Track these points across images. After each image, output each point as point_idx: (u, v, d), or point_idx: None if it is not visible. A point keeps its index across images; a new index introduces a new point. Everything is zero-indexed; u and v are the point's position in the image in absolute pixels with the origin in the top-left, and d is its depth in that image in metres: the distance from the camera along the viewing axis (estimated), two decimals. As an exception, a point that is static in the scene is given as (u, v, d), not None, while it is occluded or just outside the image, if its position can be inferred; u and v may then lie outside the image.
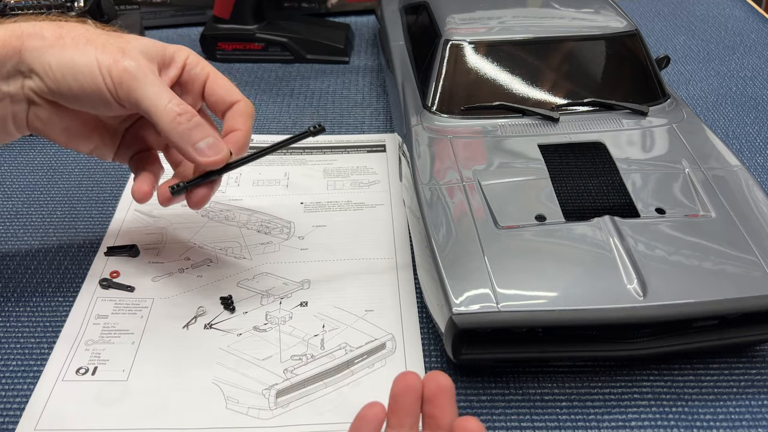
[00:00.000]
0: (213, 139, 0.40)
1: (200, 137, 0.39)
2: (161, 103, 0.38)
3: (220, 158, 0.40)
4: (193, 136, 0.39)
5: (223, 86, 0.42)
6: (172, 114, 0.38)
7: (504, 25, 0.54)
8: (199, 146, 0.39)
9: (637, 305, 0.37)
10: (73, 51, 0.37)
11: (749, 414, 0.39)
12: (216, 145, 0.40)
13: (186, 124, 0.39)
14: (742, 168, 0.46)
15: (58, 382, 0.41)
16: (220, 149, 0.40)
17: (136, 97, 0.38)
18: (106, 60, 0.37)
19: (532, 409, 0.39)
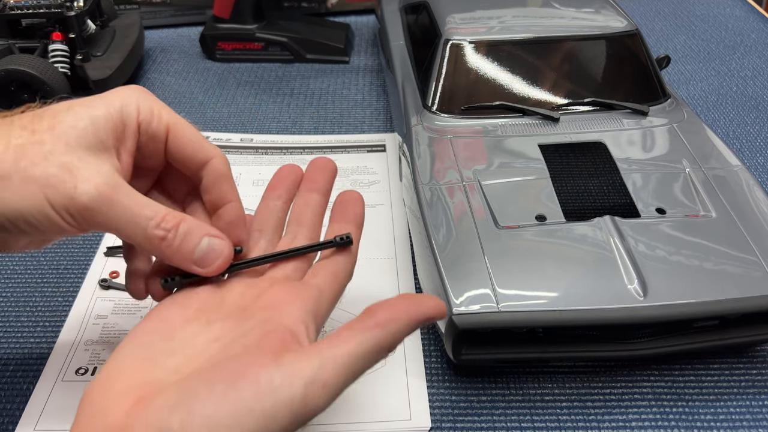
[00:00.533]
0: (209, 241, 0.32)
1: (194, 245, 0.32)
2: (138, 230, 0.30)
3: (225, 259, 0.33)
4: (185, 249, 0.32)
5: (189, 140, 0.33)
6: (155, 238, 0.31)
7: (504, 24, 0.54)
8: (197, 257, 0.32)
9: (637, 305, 0.36)
10: (13, 195, 0.29)
11: (750, 414, 0.39)
12: (216, 247, 0.32)
13: (175, 241, 0.31)
14: (743, 168, 0.46)
15: (57, 382, 0.41)
16: (222, 249, 0.33)
17: (107, 228, 0.31)
18: (58, 198, 0.29)
19: (533, 409, 0.39)
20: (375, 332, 0.28)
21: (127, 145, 0.32)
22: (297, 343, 0.29)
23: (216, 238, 0.32)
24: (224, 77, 0.74)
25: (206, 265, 0.32)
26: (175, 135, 0.33)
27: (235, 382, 0.26)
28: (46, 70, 0.61)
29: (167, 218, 0.31)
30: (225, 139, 0.63)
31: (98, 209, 0.29)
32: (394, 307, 0.29)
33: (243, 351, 0.28)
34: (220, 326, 0.31)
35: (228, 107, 0.69)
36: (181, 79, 0.74)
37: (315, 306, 0.32)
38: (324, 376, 0.27)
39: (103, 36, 0.69)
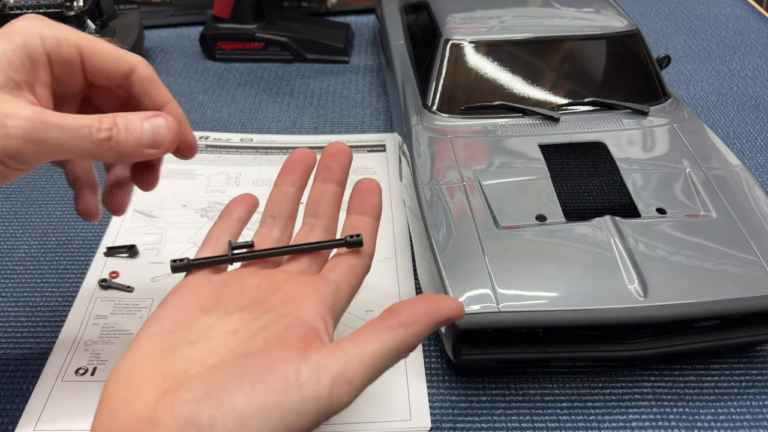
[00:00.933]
0: (150, 121, 0.32)
1: (139, 130, 0.31)
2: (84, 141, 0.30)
3: (173, 131, 0.32)
4: (133, 137, 0.31)
5: (105, 55, 0.32)
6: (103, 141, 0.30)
7: (504, 24, 0.54)
8: (147, 140, 0.31)
9: (637, 305, 0.36)
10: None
11: (750, 414, 0.39)
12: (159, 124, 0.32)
13: (120, 135, 0.30)
14: (743, 168, 0.46)
15: (57, 382, 0.41)
16: (165, 123, 0.32)
17: (53, 154, 0.30)
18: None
19: (533, 409, 0.39)
20: (398, 332, 0.29)
21: (41, 78, 0.31)
22: (318, 339, 0.29)
23: (155, 117, 0.32)
24: (224, 77, 0.74)
25: (159, 144, 0.32)
26: (89, 55, 0.32)
27: (264, 376, 0.26)
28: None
29: (104, 119, 0.30)
30: (225, 139, 0.63)
31: (36, 139, 0.28)
32: (415, 308, 0.30)
33: (265, 345, 0.28)
34: (238, 318, 0.31)
35: (228, 107, 0.68)
36: (181, 78, 0.74)
37: (332, 301, 0.32)
38: (350, 374, 0.27)
39: (102, 36, 0.69)
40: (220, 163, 0.59)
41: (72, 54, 0.31)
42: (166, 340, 0.29)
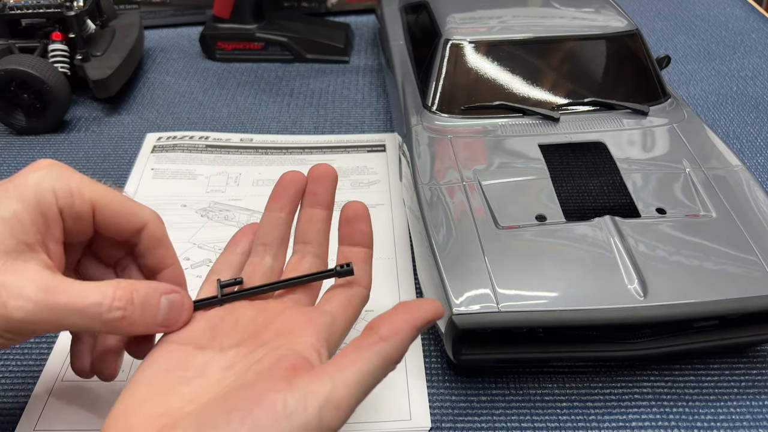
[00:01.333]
0: (167, 299, 0.31)
1: (155, 310, 0.30)
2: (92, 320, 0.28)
3: (188, 310, 0.32)
4: (148, 317, 0.30)
5: (118, 211, 0.31)
6: (115, 321, 0.29)
7: (504, 24, 0.54)
8: (162, 320, 0.31)
9: (637, 305, 0.36)
10: None
11: (750, 414, 0.39)
12: (175, 302, 0.31)
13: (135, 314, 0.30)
14: (743, 168, 0.46)
15: (57, 382, 0.41)
16: (182, 302, 0.32)
17: (58, 329, 0.29)
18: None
19: (533, 409, 0.39)
20: (381, 347, 0.29)
21: (53, 235, 0.30)
22: (308, 365, 0.29)
23: (172, 294, 0.31)
24: (224, 77, 0.74)
25: (172, 323, 0.31)
26: (101, 210, 0.31)
27: (252, 409, 0.26)
28: (45, 70, 0.61)
29: (118, 296, 0.29)
30: (225, 139, 0.63)
31: (39, 319, 0.27)
32: (394, 319, 0.30)
33: (256, 377, 0.28)
34: (233, 353, 0.31)
35: (228, 107, 0.68)
36: (180, 79, 0.74)
37: (328, 332, 0.31)
38: (337, 398, 0.27)
39: (102, 36, 0.69)
40: (220, 163, 0.59)
41: (85, 209, 0.30)
42: (161, 379, 0.29)
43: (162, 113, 0.68)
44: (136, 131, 0.65)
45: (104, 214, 0.31)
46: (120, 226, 0.32)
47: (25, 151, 0.62)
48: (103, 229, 0.32)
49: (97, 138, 0.64)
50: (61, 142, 0.63)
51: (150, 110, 0.68)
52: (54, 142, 0.63)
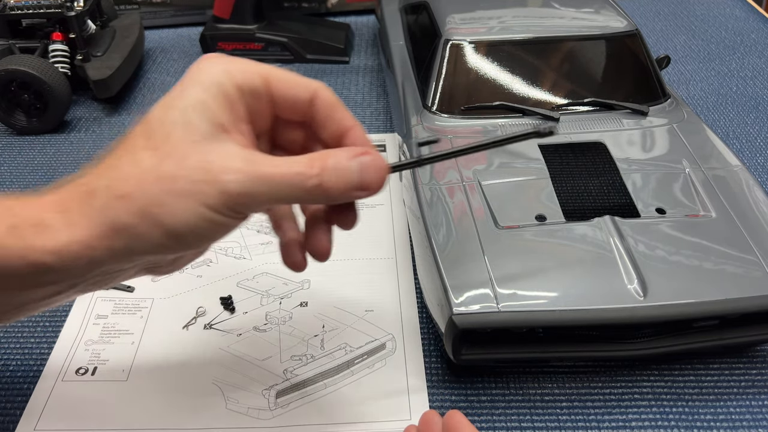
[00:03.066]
0: (358, 161, 0.30)
1: (348, 172, 0.30)
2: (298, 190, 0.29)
3: (383, 169, 0.31)
4: (343, 181, 0.30)
5: (288, 81, 0.32)
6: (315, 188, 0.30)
7: (504, 24, 0.54)
8: (356, 182, 0.30)
9: (637, 305, 0.36)
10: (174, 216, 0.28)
11: (750, 414, 0.39)
12: (367, 163, 0.31)
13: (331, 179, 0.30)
14: (743, 168, 0.46)
15: (57, 382, 0.41)
16: (374, 161, 0.31)
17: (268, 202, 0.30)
18: (212, 200, 0.28)
19: (533, 409, 0.39)
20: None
21: (240, 114, 0.30)
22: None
23: (362, 155, 0.31)
24: (224, 77, 0.74)
25: (368, 185, 0.31)
26: (274, 82, 0.31)
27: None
28: (46, 70, 0.61)
29: (313, 162, 0.30)
30: (225, 139, 0.62)
31: (252, 191, 0.29)
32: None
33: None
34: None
35: (228, 107, 0.68)
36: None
37: None
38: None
39: (103, 36, 0.69)
40: (221, 164, 0.59)
41: (259, 84, 0.31)
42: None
43: (162, 113, 0.67)
44: (137, 131, 0.65)
45: (277, 87, 0.31)
46: (294, 97, 0.32)
47: (25, 151, 0.62)
48: (279, 104, 0.32)
49: (97, 138, 0.64)
50: (61, 142, 0.63)
51: (150, 110, 0.68)
52: (54, 142, 0.63)
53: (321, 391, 0.40)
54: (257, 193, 0.29)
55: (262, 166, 0.29)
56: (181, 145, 0.29)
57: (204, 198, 0.28)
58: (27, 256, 0.28)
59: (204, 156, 0.28)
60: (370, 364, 0.42)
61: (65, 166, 0.60)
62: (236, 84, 0.30)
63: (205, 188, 0.28)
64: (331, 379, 0.41)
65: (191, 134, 0.29)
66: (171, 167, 0.28)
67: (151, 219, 0.28)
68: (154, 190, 0.28)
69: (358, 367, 0.42)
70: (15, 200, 0.29)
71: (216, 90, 0.29)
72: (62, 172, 0.59)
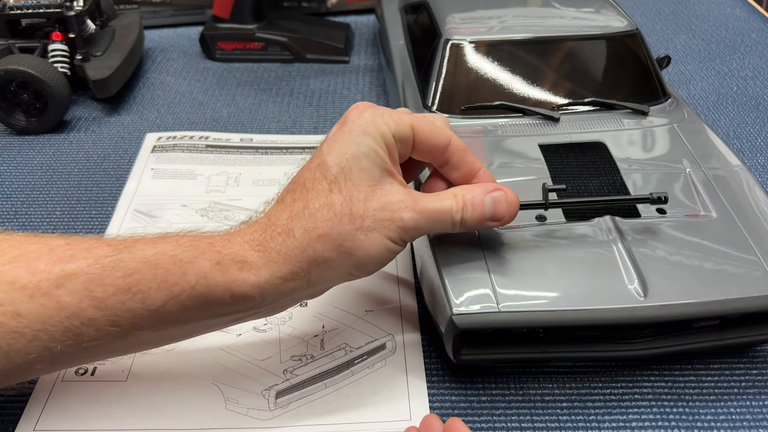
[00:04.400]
0: (490, 197, 0.37)
1: (482, 207, 0.37)
2: (447, 224, 0.37)
3: (512, 204, 0.37)
4: (478, 215, 0.37)
5: (430, 131, 0.37)
6: (458, 222, 0.37)
7: (504, 24, 0.54)
8: (488, 215, 0.37)
9: (637, 305, 0.36)
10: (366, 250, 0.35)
11: (750, 414, 0.39)
12: (498, 198, 0.37)
13: (469, 213, 0.37)
14: (743, 168, 0.46)
15: (57, 382, 0.41)
16: (504, 197, 0.37)
17: (424, 233, 0.38)
18: (395, 234, 0.35)
19: (533, 409, 0.39)
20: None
21: (394, 158, 0.37)
22: None
23: (495, 191, 0.37)
24: (224, 77, 0.74)
25: (499, 217, 0.37)
26: (418, 132, 0.37)
27: None
28: (45, 70, 0.61)
29: (458, 200, 0.36)
30: (225, 139, 0.63)
31: (421, 225, 0.36)
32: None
33: None
34: None
35: (228, 107, 0.68)
36: (180, 79, 0.74)
37: None
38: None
39: (102, 36, 0.69)
40: (220, 163, 0.59)
41: (408, 132, 0.37)
42: None
43: (162, 113, 0.68)
44: (136, 131, 0.65)
45: (420, 135, 0.37)
46: (434, 143, 0.37)
47: (24, 151, 0.62)
48: (419, 149, 0.38)
49: (97, 138, 0.64)
50: (61, 142, 0.63)
51: (150, 110, 0.68)
52: (54, 142, 0.63)
53: (321, 391, 0.40)
54: (422, 226, 0.36)
55: (424, 203, 0.36)
56: (362, 189, 0.35)
57: (387, 232, 0.35)
58: (232, 288, 0.33)
59: (381, 197, 0.35)
60: (370, 364, 0.42)
61: (65, 166, 0.60)
62: (393, 133, 0.36)
63: (388, 224, 0.35)
64: (331, 379, 0.41)
65: (368, 180, 0.35)
66: (359, 208, 0.35)
67: (346, 253, 0.34)
68: (347, 228, 0.34)
69: (358, 367, 0.41)
70: (214, 238, 0.35)
71: (381, 140, 0.36)
72: (62, 172, 0.59)
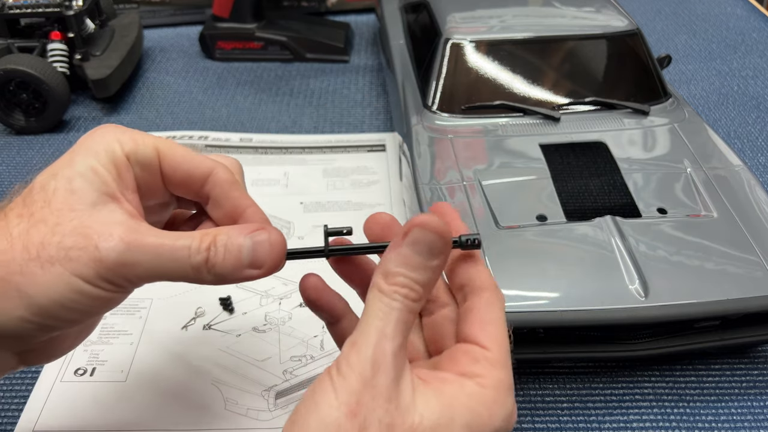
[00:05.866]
0: (251, 237, 0.28)
1: (238, 249, 0.28)
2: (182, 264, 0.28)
3: (278, 247, 0.29)
4: (231, 257, 0.28)
5: (183, 157, 0.30)
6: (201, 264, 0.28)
7: (505, 24, 0.54)
8: (247, 259, 0.28)
9: (638, 306, 0.36)
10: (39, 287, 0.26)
11: (751, 415, 0.39)
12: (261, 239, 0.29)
13: (218, 256, 0.28)
14: (744, 168, 0.45)
15: (56, 383, 0.40)
16: (268, 238, 0.29)
17: (149, 277, 0.28)
18: (85, 268, 0.26)
19: (533, 410, 0.39)
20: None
21: (127, 183, 0.29)
22: None
23: (258, 231, 0.29)
24: (224, 77, 0.74)
25: (260, 263, 0.28)
26: (166, 155, 0.30)
27: None
28: (45, 70, 0.61)
29: (203, 239, 0.28)
30: (224, 138, 0.62)
31: (131, 260, 0.26)
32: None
33: None
34: None
35: (227, 107, 0.68)
36: (180, 78, 0.74)
37: None
38: None
39: (102, 35, 0.69)
40: (220, 163, 0.59)
41: (150, 154, 0.29)
42: None
43: (161, 113, 0.67)
44: (136, 131, 0.64)
45: (169, 160, 0.30)
46: (186, 171, 0.30)
47: (24, 151, 0.62)
48: (171, 180, 0.30)
49: (96, 138, 0.64)
50: (60, 141, 0.63)
51: (149, 110, 0.68)
52: (53, 142, 0.63)
53: (321, 391, 0.40)
54: (136, 263, 0.27)
55: (145, 236, 0.27)
56: (61, 212, 0.27)
57: (75, 266, 0.26)
58: None
59: (82, 221, 0.26)
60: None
61: (64, 165, 0.60)
62: (125, 153, 0.29)
63: (77, 255, 0.26)
64: (330, 379, 0.41)
65: (75, 202, 0.27)
66: (41, 233, 0.26)
67: (13, 289, 0.26)
68: (17, 257, 0.26)
69: (357, 367, 0.41)
70: None
71: (108, 159, 0.28)
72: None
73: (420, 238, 0.26)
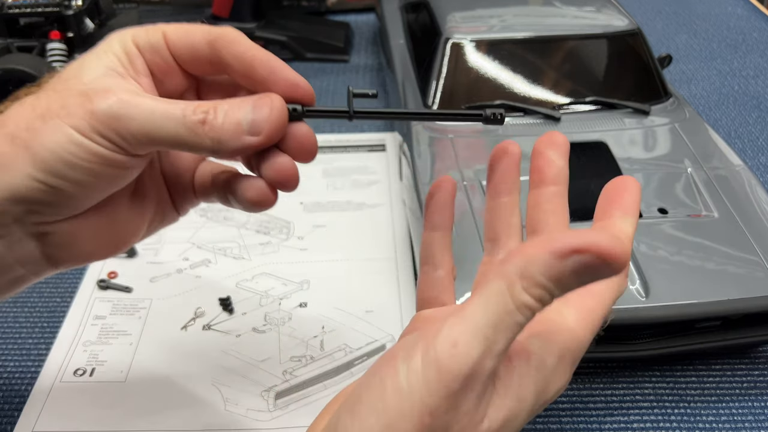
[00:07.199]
0: (252, 102, 0.28)
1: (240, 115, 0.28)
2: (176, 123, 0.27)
3: (278, 110, 0.29)
4: (231, 122, 0.28)
5: (188, 33, 0.30)
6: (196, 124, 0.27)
7: (505, 23, 0.54)
8: (247, 124, 0.28)
9: (639, 306, 0.36)
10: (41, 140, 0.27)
11: (752, 416, 0.39)
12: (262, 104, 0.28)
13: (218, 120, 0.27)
14: (745, 168, 0.45)
15: (56, 383, 0.40)
16: (268, 101, 0.28)
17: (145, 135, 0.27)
18: (81, 121, 0.27)
19: (534, 410, 0.39)
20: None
21: (138, 68, 0.29)
22: None
23: (261, 98, 0.28)
24: (224, 76, 0.74)
25: (260, 128, 0.28)
26: (170, 34, 0.29)
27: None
28: (44, 69, 0.61)
29: (201, 104, 0.28)
30: (224, 138, 0.62)
31: (124, 114, 0.26)
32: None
33: None
34: None
35: (227, 106, 0.68)
36: (180, 78, 0.73)
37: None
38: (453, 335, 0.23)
39: (101, 35, 0.69)
40: (220, 163, 0.59)
41: (157, 38, 0.29)
42: None
43: (161, 112, 0.67)
44: (135, 131, 0.64)
45: (172, 36, 0.30)
46: (190, 39, 0.29)
47: (23, 151, 0.62)
48: (183, 58, 0.30)
49: (96, 137, 0.64)
50: (59, 141, 0.63)
51: (149, 109, 0.68)
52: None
53: (321, 392, 0.40)
54: (129, 118, 0.27)
55: (142, 96, 0.27)
56: (69, 81, 0.28)
57: (71, 119, 0.26)
58: None
59: (87, 86, 0.27)
60: (370, 365, 0.41)
61: (64, 165, 0.60)
62: (135, 41, 0.29)
63: (75, 110, 0.27)
64: (330, 380, 0.41)
65: (85, 75, 0.28)
66: (50, 98, 0.27)
67: (21, 145, 0.27)
68: (25, 115, 0.27)
69: (358, 368, 0.41)
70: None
71: (120, 48, 0.29)
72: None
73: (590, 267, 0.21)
